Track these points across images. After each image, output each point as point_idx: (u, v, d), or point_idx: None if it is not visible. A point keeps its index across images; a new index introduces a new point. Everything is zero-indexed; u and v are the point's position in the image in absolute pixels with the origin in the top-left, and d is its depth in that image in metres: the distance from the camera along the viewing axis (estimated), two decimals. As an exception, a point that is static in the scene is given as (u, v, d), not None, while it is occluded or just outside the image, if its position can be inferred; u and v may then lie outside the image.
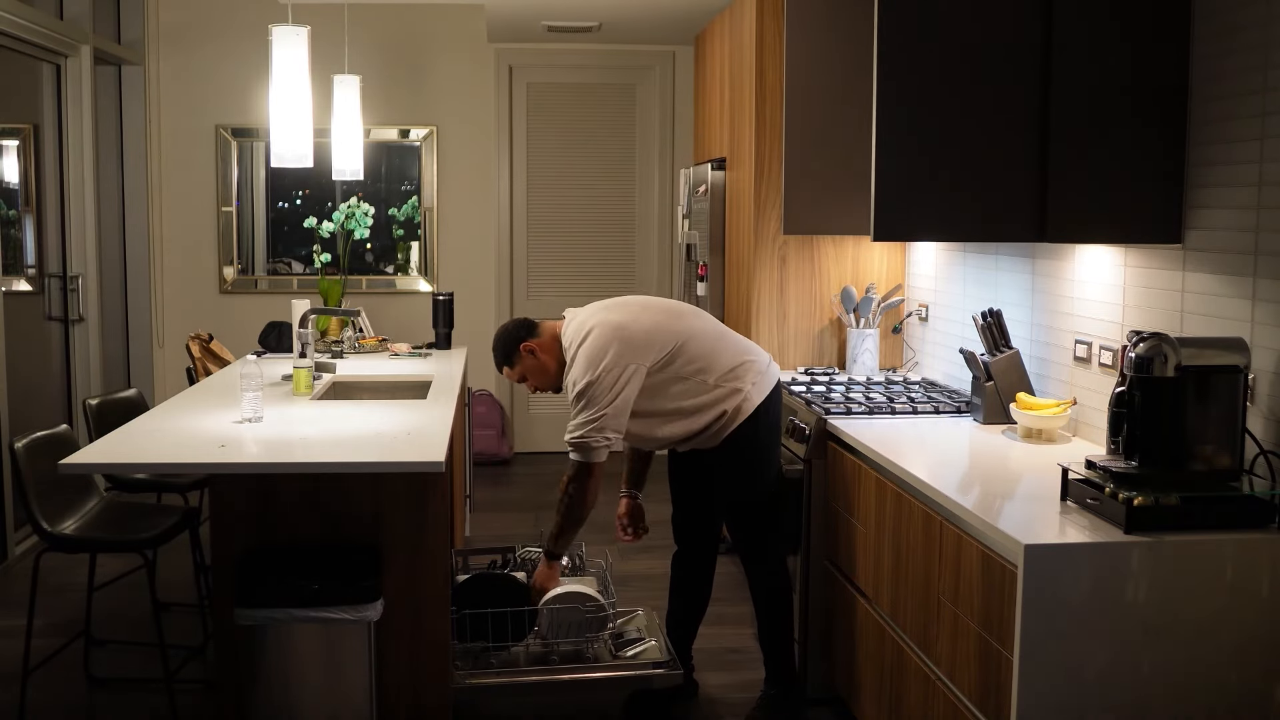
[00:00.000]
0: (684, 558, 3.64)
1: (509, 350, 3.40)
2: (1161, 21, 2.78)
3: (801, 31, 4.04)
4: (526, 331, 3.39)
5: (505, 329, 3.43)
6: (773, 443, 3.44)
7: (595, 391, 3.17)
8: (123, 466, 3.48)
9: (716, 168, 5.25)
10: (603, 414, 3.17)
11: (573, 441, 3.22)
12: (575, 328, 3.31)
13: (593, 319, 3.29)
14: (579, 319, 3.33)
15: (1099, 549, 2.26)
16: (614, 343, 3.20)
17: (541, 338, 3.38)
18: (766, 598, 3.47)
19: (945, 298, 4.13)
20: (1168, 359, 2.37)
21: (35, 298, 5.67)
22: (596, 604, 3.36)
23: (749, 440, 3.35)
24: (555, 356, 3.37)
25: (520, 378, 3.42)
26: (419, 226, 6.97)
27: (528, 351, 3.37)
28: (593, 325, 3.26)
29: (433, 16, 6.85)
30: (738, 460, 3.36)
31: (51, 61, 5.70)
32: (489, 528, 5.57)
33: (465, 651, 3.43)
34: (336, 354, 4.93)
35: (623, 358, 3.19)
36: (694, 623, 3.68)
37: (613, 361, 3.18)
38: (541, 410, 7.21)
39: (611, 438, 3.21)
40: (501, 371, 3.45)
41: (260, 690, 3.02)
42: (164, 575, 4.46)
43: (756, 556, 3.45)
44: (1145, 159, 2.81)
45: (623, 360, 3.19)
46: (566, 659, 3.44)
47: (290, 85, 4.13)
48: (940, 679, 2.68)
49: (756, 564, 3.46)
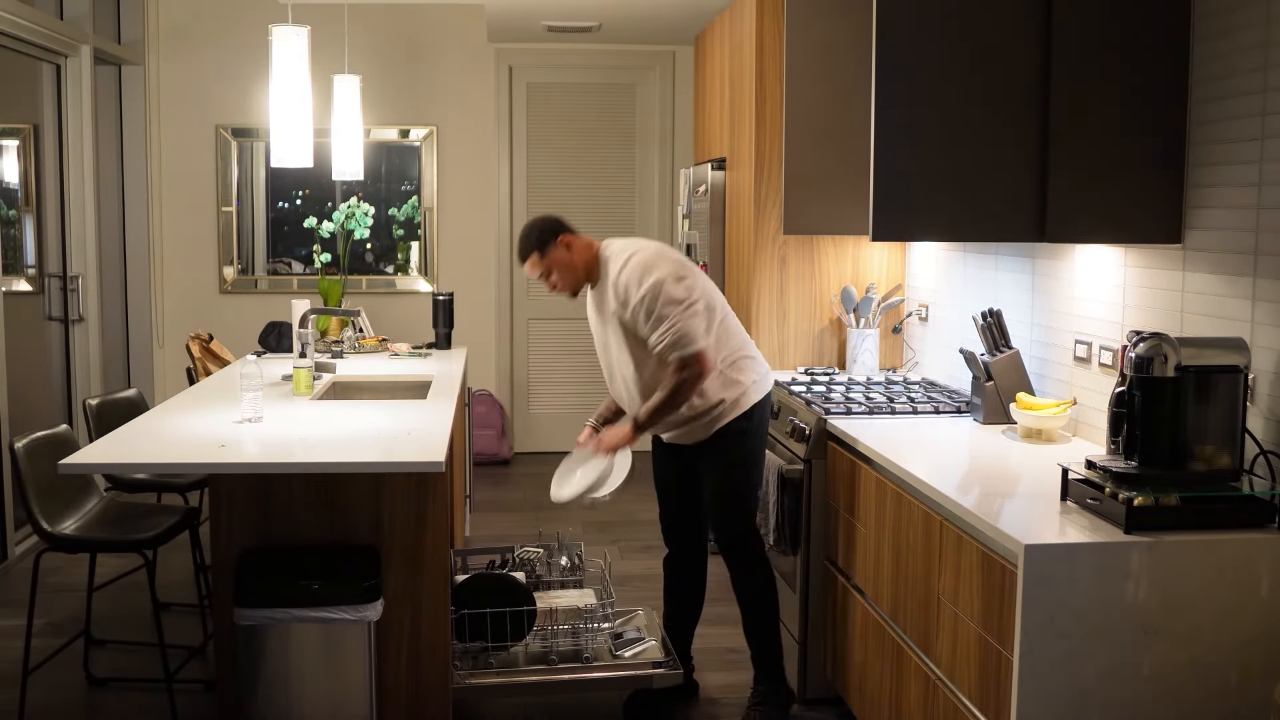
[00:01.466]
0: (675, 560, 3.65)
1: (545, 237, 3.29)
2: (1161, 22, 2.78)
3: (801, 31, 4.04)
4: (565, 226, 3.34)
5: (542, 218, 3.36)
6: (761, 448, 3.47)
7: (665, 287, 3.16)
8: (123, 466, 3.48)
9: (716, 168, 5.25)
10: (686, 304, 3.17)
11: (667, 343, 3.16)
12: (621, 245, 3.32)
13: (640, 240, 3.35)
14: (622, 241, 3.37)
15: (1099, 549, 2.26)
16: (670, 255, 3.26)
17: (579, 238, 3.34)
18: (749, 597, 3.48)
19: (945, 298, 4.13)
20: (1168, 359, 2.37)
21: (35, 298, 5.67)
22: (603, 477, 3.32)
23: (741, 436, 3.37)
24: (585, 262, 3.32)
25: (545, 271, 3.31)
26: (419, 226, 6.97)
27: (564, 244, 3.30)
28: (643, 243, 3.31)
29: (433, 16, 6.85)
30: (727, 456, 3.38)
31: (51, 61, 5.70)
32: (489, 528, 5.57)
33: (465, 651, 3.43)
34: (336, 354, 4.94)
35: (683, 264, 3.26)
36: (691, 623, 3.68)
37: (675, 266, 3.22)
38: (541, 410, 7.21)
39: (699, 325, 3.19)
40: (525, 261, 3.32)
41: (260, 690, 3.02)
42: (164, 575, 4.46)
43: (738, 558, 3.46)
44: (1145, 159, 2.81)
45: (683, 266, 3.25)
46: (566, 658, 3.45)
47: (290, 85, 4.13)
48: (940, 679, 2.68)
49: (738, 565, 3.47)
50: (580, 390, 7.23)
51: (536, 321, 7.16)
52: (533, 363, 7.19)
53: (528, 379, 7.21)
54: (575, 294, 3.40)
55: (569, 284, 3.35)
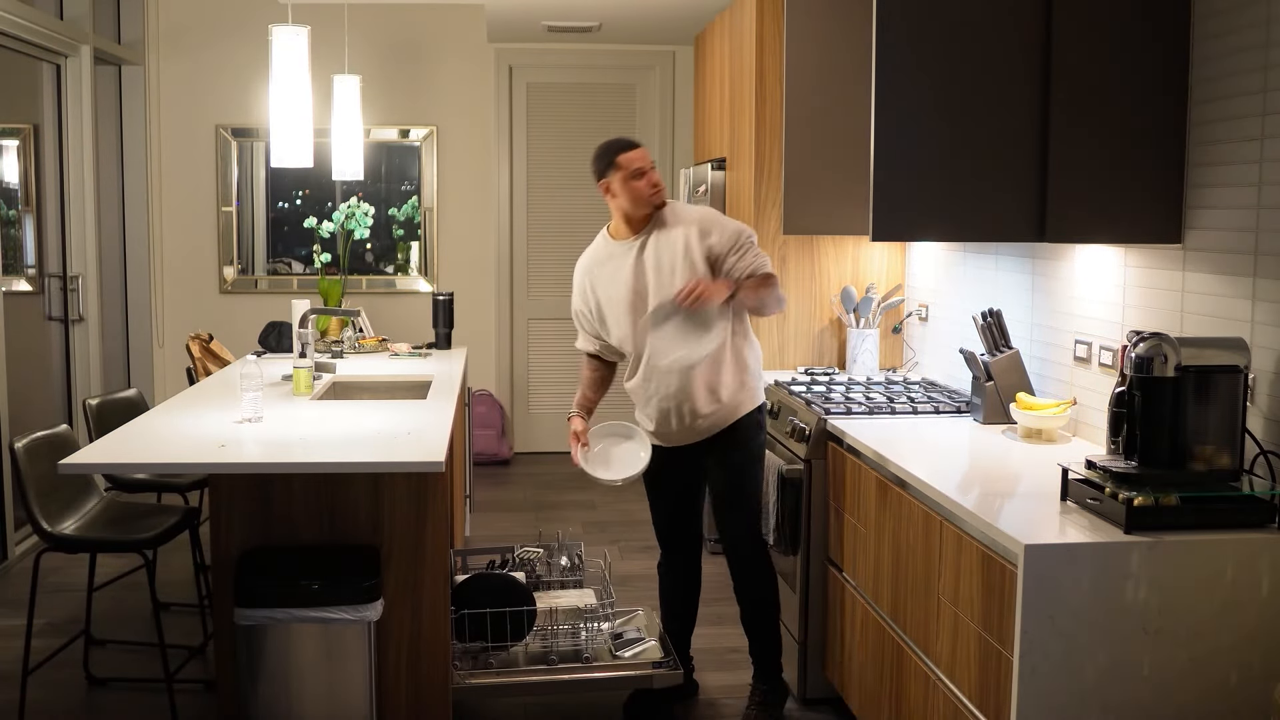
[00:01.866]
0: (673, 563, 3.65)
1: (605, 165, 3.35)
2: (1161, 21, 2.78)
3: (801, 31, 4.04)
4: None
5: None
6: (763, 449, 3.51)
7: (747, 231, 3.33)
8: (123, 466, 3.48)
9: (716, 168, 5.25)
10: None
11: (761, 260, 3.31)
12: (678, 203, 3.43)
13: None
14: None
15: (1099, 549, 2.26)
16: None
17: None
18: (755, 597, 3.49)
19: (945, 298, 4.13)
20: (1168, 359, 2.37)
21: (35, 298, 5.67)
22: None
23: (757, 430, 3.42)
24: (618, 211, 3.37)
25: (653, 165, 3.36)
26: (419, 226, 6.97)
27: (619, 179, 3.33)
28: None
29: (433, 16, 6.85)
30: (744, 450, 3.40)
31: (51, 61, 5.70)
32: (489, 528, 5.57)
33: (465, 651, 3.43)
34: (336, 354, 4.94)
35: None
36: (689, 623, 3.68)
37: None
38: (541, 410, 7.21)
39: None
40: (639, 149, 3.36)
41: (260, 690, 3.02)
42: (164, 575, 4.46)
43: (744, 555, 3.47)
44: (1145, 159, 2.81)
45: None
46: (566, 658, 3.45)
47: (290, 85, 4.14)
48: (940, 679, 2.68)
49: (744, 563, 3.47)
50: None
51: (536, 321, 7.15)
52: (533, 363, 7.19)
53: (528, 379, 7.21)
54: (663, 205, 3.37)
55: (628, 204, 3.34)
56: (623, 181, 3.30)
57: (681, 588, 3.64)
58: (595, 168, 3.36)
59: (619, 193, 3.32)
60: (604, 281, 3.40)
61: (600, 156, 3.36)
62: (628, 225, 3.37)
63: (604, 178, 3.34)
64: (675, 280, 3.27)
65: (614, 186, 3.32)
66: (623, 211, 3.36)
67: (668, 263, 3.30)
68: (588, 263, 3.46)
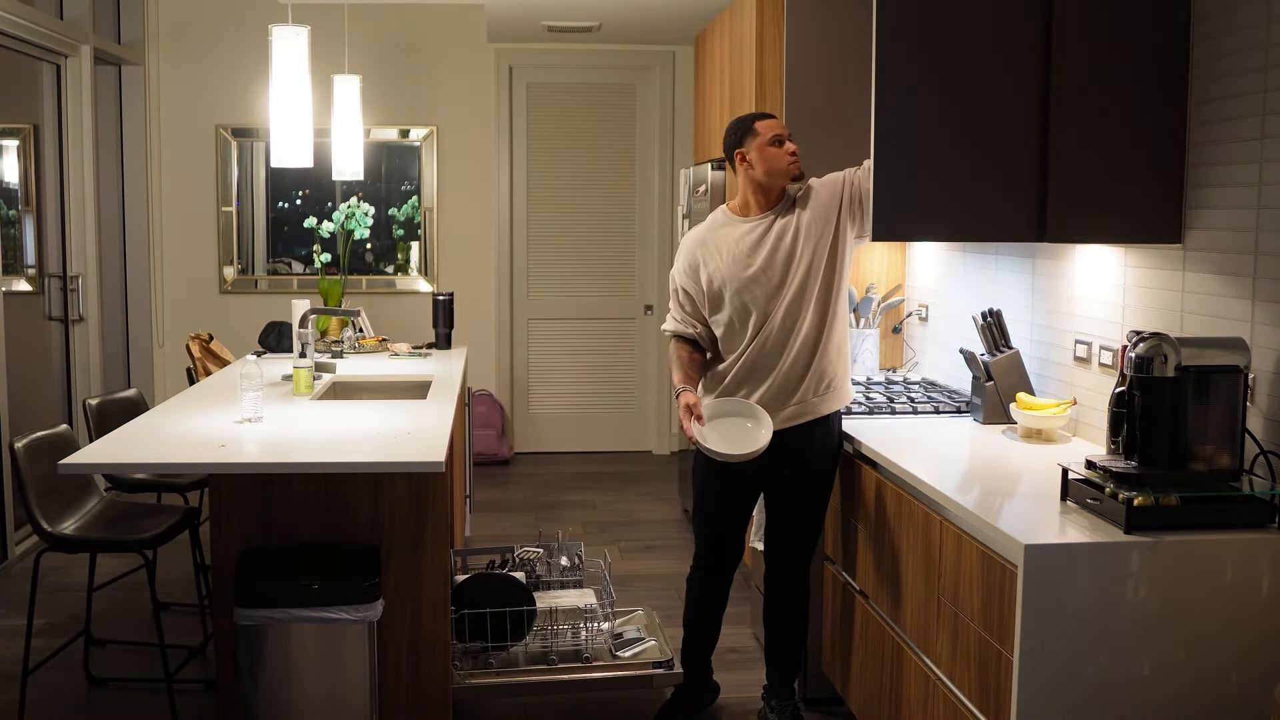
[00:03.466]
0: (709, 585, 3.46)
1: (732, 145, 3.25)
2: (1161, 22, 2.78)
3: (801, 32, 4.04)
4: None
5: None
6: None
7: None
8: (123, 466, 3.48)
9: (716, 168, 5.24)
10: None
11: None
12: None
13: None
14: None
15: (1099, 549, 2.26)
16: None
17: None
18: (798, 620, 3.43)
19: (945, 298, 4.13)
20: (1168, 359, 2.37)
21: (35, 298, 5.67)
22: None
23: (839, 450, 3.31)
24: (751, 184, 3.23)
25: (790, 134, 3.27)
26: (419, 226, 6.97)
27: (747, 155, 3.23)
28: None
29: (433, 16, 6.85)
30: (829, 471, 3.31)
31: (51, 61, 5.70)
32: (489, 528, 5.57)
33: (465, 651, 3.44)
34: (336, 354, 4.94)
35: None
36: (714, 643, 3.55)
37: None
38: (541, 410, 7.21)
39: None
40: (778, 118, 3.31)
41: (260, 690, 3.02)
42: (164, 575, 4.46)
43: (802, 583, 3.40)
44: (1145, 159, 2.81)
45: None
46: (566, 658, 3.45)
47: (290, 85, 4.13)
48: (940, 679, 2.68)
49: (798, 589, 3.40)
50: (580, 390, 7.24)
51: (536, 321, 7.16)
52: (533, 363, 7.19)
53: (528, 379, 7.21)
54: (802, 177, 3.25)
55: (759, 173, 3.21)
56: (760, 149, 3.17)
57: (716, 613, 3.49)
58: (730, 139, 3.23)
59: (756, 161, 3.18)
60: (720, 257, 3.22)
61: (735, 127, 3.23)
62: (762, 198, 3.22)
63: (740, 147, 3.21)
64: (790, 282, 3.16)
65: (750, 155, 3.19)
66: (756, 183, 3.20)
67: (793, 247, 3.17)
68: (700, 235, 3.29)
